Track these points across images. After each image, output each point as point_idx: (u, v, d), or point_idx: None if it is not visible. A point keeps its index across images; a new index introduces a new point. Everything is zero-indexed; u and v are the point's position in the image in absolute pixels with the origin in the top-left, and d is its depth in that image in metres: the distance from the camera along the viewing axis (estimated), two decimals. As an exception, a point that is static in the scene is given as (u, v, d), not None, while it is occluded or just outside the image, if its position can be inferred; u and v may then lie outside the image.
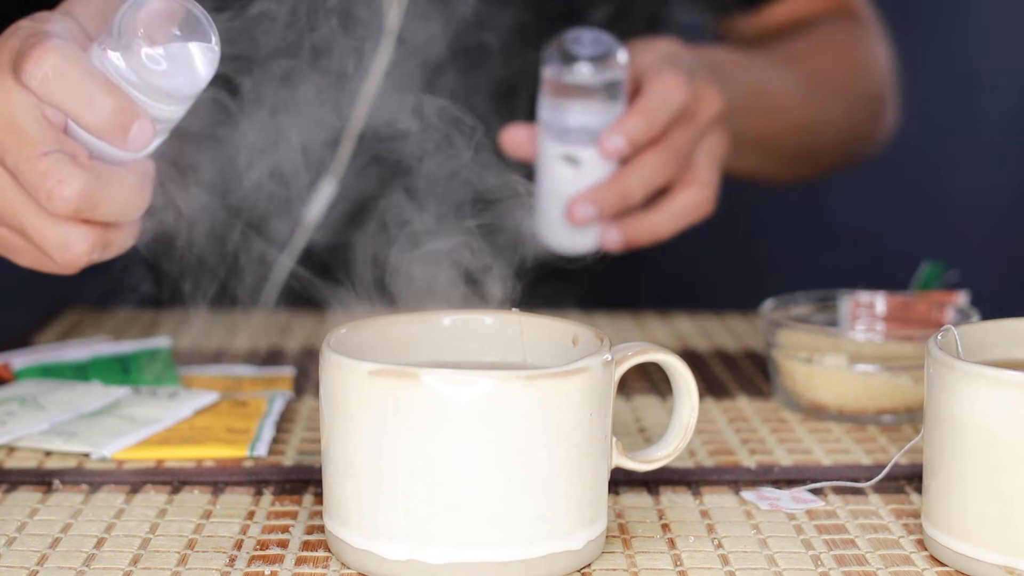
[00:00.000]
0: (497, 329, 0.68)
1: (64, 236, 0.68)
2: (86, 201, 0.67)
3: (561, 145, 0.93)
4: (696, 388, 0.66)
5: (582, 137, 0.93)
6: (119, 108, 0.67)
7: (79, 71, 0.66)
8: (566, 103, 0.93)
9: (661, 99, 0.92)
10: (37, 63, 0.66)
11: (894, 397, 0.83)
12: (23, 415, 0.78)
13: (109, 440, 0.76)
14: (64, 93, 0.66)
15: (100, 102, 0.66)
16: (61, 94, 0.66)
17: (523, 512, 0.59)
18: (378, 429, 0.59)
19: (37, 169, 0.67)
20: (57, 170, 0.67)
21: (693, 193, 0.95)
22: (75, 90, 0.66)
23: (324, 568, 0.62)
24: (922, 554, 0.64)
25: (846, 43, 1.20)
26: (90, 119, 0.67)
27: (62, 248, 0.69)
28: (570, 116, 0.93)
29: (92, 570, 0.61)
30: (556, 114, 0.93)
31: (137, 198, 0.70)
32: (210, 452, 0.76)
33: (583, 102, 0.92)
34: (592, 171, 0.93)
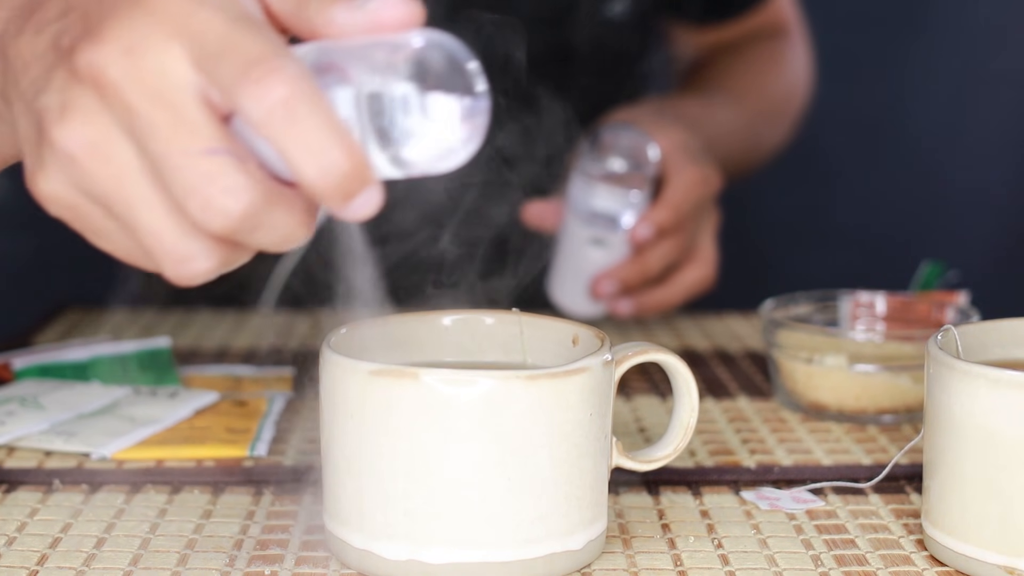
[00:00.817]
0: (497, 329, 0.68)
1: (188, 248, 0.53)
2: (247, 222, 0.52)
3: (590, 228, 1.03)
4: (696, 388, 0.66)
5: (610, 223, 1.02)
6: (352, 173, 0.51)
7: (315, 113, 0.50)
8: (599, 192, 1.03)
9: (685, 193, 1.02)
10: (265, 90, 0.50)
11: (894, 397, 0.83)
12: (23, 415, 0.78)
13: (109, 440, 0.76)
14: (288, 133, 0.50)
15: (332, 160, 0.50)
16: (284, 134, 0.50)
17: (523, 512, 0.59)
18: (378, 429, 0.59)
19: (197, 168, 0.51)
20: (223, 175, 0.51)
21: (699, 270, 1.05)
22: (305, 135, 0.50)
23: (324, 568, 0.62)
24: (922, 554, 0.64)
25: (780, 69, 1.30)
26: (312, 173, 0.50)
27: (182, 262, 0.53)
28: (602, 204, 1.02)
29: (92, 570, 0.61)
30: (588, 200, 1.03)
31: (300, 229, 0.54)
32: (210, 452, 0.76)
33: (615, 192, 1.02)
34: (615, 252, 1.03)
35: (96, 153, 0.51)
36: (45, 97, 0.52)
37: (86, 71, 0.51)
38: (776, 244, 1.80)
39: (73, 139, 0.51)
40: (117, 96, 0.51)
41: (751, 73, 1.25)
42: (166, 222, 0.52)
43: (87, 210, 0.53)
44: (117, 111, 0.51)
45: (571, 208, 1.03)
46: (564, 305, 1.05)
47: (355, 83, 0.51)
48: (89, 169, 0.52)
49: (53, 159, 0.52)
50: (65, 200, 0.53)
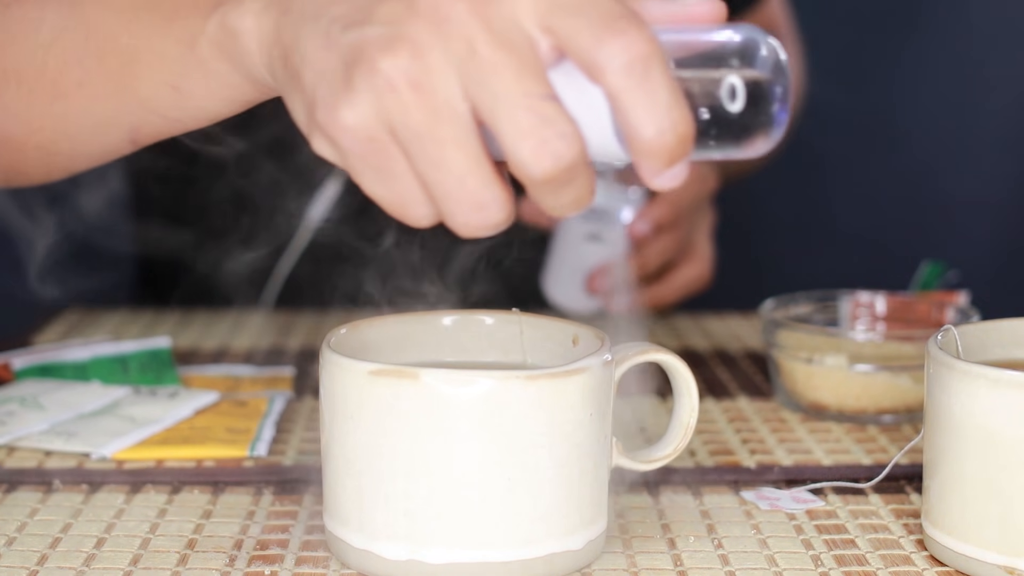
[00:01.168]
0: (497, 329, 0.68)
1: (489, 195, 0.54)
2: (567, 174, 0.53)
3: (586, 224, 1.03)
4: (696, 388, 0.66)
5: (607, 218, 1.02)
6: (685, 139, 0.53)
7: (667, 78, 0.52)
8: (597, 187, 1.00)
9: (683, 190, 1.02)
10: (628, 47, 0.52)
11: (894, 397, 0.83)
12: (23, 415, 0.78)
13: (109, 440, 0.76)
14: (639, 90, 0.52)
15: (673, 123, 0.52)
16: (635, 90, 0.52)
17: (523, 512, 0.59)
18: (378, 429, 0.59)
19: (538, 111, 0.52)
20: (561, 122, 0.52)
21: (695, 268, 1.06)
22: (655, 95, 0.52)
23: (324, 568, 0.62)
24: (922, 554, 0.64)
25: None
26: (649, 132, 0.52)
27: (477, 207, 0.54)
28: (599, 199, 1.02)
29: (92, 570, 0.61)
30: None
31: (589, 196, 0.55)
32: (210, 452, 0.76)
33: (612, 186, 1.02)
34: (611, 247, 1.03)
35: (420, 86, 0.52)
36: (365, 30, 0.53)
37: (428, 8, 0.52)
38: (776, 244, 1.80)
39: (399, 69, 0.52)
40: (461, 34, 0.52)
41: None
42: (475, 164, 0.53)
43: (384, 145, 0.54)
44: (455, 49, 0.52)
45: None
46: (559, 301, 1.05)
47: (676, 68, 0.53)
48: (408, 101, 0.52)
49: (369, 88, 0.53)
50: (368, 131, 0.54)
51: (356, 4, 0.54)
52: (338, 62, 0.54)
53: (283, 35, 0.57)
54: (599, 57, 0.52)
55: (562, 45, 0.53)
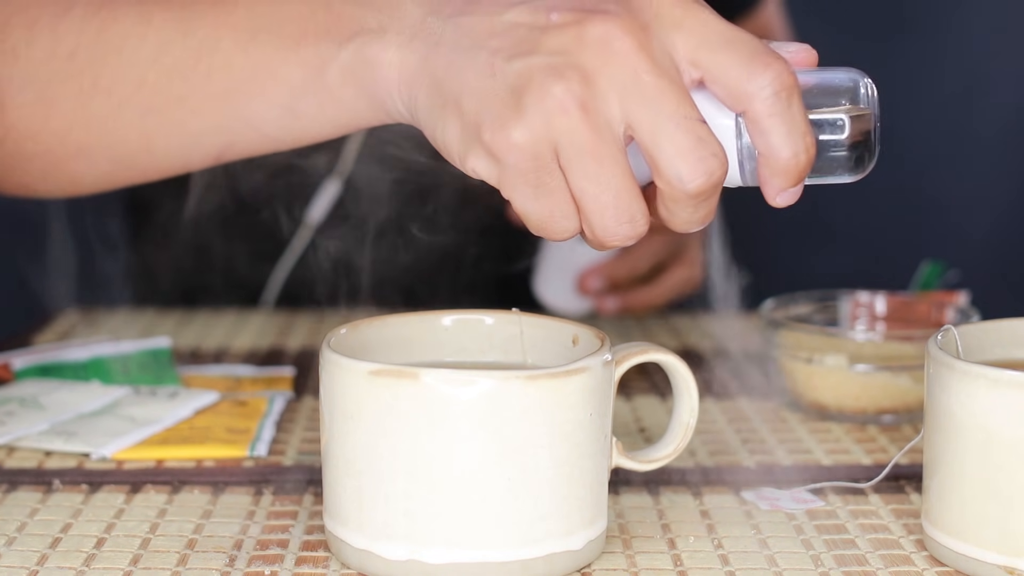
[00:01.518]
0: (497, 329, 0.68)
1: (637, 207, 0.60)
2: (713, 191, 0.60)
3: None
4: (696, 388, 0.66)
5: None
6: (810, 162, 0.60)
7: (800, 106, 0.60)
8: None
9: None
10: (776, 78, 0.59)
11: (894, 397, 0.83)
12: (23, 415, 0.78)
13: (109, 440, 0.76)
14: (781, 117, 0.59)
15: (804, 148, 0.59)
16: (779, 116, 0.59)
17: (523, 512, 0.59)
18: (378, 429, 0.59)
19: (697, 133, 0.59)
20: (714, 144, 0.59)
21: (686, 271, 1.07)
22: (792, 120, 0.59)
23: (324, 568, 0.62)
24: (922, 554, 0.64)
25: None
26: (786, 153, 0.59)
27: (628, 217, 0.60)
28: None
29: (92, 570, 0.61)
30: None
31: (712, 216, 0.62)
32: (210, 452, 0.76)
33: None
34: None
35: (588, 108, 0.58)
36: (533, 59, 0.59)
37: (597, 39, 0.58)
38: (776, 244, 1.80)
39: (570, 93, 0.58)
40: (627, 62, 0.58)
41: None
42: (628, 181, 0.60)
43: (546, 162, 0.59)
44: (621, 76, 0.58)
45: None
46: (550, 301, 1.05)
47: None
48: (577, 123, 0.58)
49: (541, 110, 0.58)
50: (536, 147, 0.59)
51: (516, 36, 0.60)
52: (504, 88, 0.59)
53: (434, 67, 0.62)
54: (750, 87, 0.58)
55: (708, 77, 0.59)
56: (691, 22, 0.59)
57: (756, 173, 0.61)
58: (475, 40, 0.61)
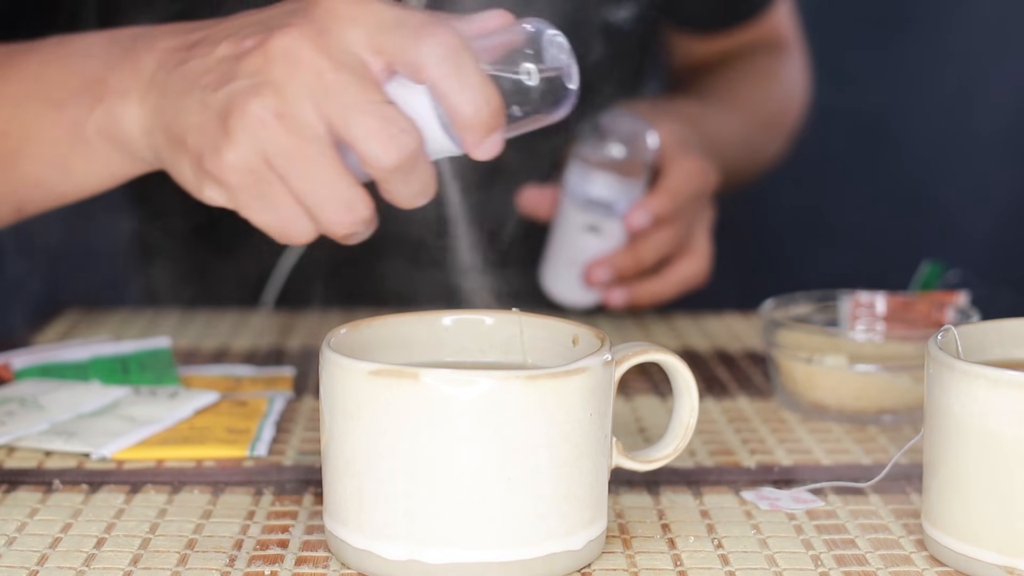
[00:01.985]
0: (497, 329, 0.68)
1: (354, 195, 0.65)
2: (410, 161, 0.65)
3: (585, 215, 1.02)
4: (696, 388, 0.66)
5: (606, 210, 1.02)
6: (497, 111, 0.64)
7: (474, 63, 0.64)
8: (597, 178, 1.01)
9: (683, 183, 1.02)
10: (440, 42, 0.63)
11: (894, 397, 0.83)
12: (23, 415, 0.78)
13: (109, 440, 0.76)
14: (454, 74, 0.63)
15: (486, 97, 0.64)
16: (450, 74, 0.63)
17: (523, 512, 0.59)
18: (378, 429, 0.59)
19: (382, 113, 0.64)
20: (400, 119, 0.64)
21: (693, 264, 1.05)
22: (467, 76, 0.64)
23: (324, 568, 0.62)
24: (922, 554, 0.64)
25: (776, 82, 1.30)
26: (468, 109, 0.64)
27: (347, 206, 0.65)
28: (599, 190, 1.01)
29: (92, 570, 0.61)
30: (585, 187, 1.02)
31: (431, 187, 0.67)
32: (210, 452, 0.76)
33: (613, 178, 1.01)
34: (610, 239, 1.02)
35: (285, 117, 0.64)
36: (233, 85, 0.65)
37: (281, 53, 0.64)
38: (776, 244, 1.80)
39: (265, 106, 0.64)
40: (310, 67, 0.64)
41: (746, 84, 1.25)
42: (339, 172, 0.65)
43: (263, 174, 0.65)
44: (307, 80, 0.64)
45: (567, 194, 1.03)
46: (556, 293, 1.04)
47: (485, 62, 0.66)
48: (277, 132, 0.64)
49: (243, 129, 0.64)
50: (248, 164, 0.65)
51: (220, 70, 0.66)
52: (214, 117, 0.65)
53: (164, 114, 0.68)
54: (418, 56, 0.64)
55: (391, 60, 0.64)
56: (363, 15, 0.65)
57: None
58: (192, 82, 0.67)
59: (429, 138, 0.66)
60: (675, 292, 1.05)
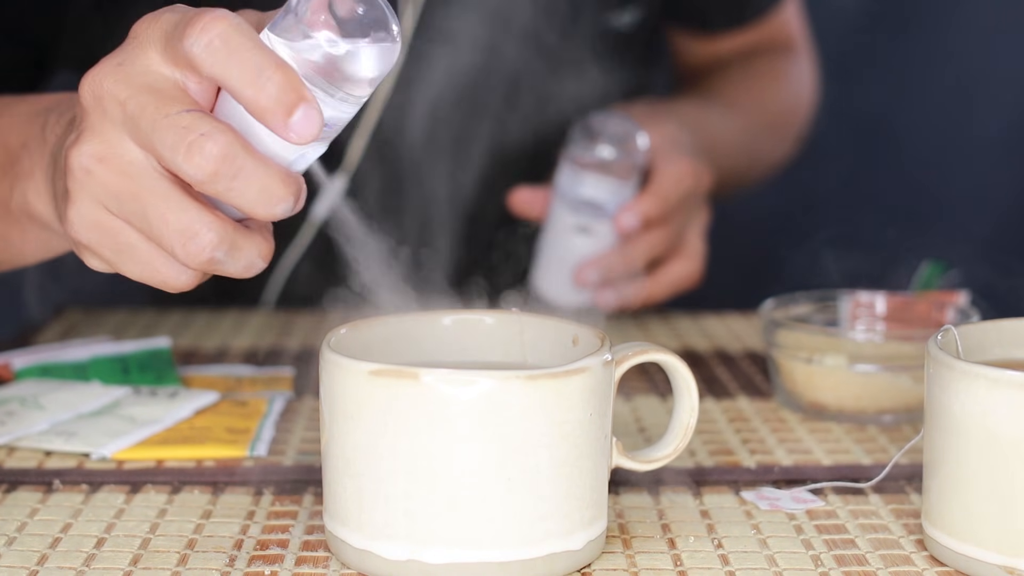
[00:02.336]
0: (497, 329, 0.68)
1: (191, 220, 0.60)
2: (227, 164, 0.58)
3: (576, 216, 1.01)
4: (696, 388, 0.66)
5: (597, 211, 1.01)
6: (287, 85, 0.58)
7: (250, 42, 0.59)
8: (587, 179, 1.01)
9: (673, 184, 1.01)
10: (204, 29, 0.58)
11: (894, 397, 0.83)
12: (23, 415, 0.78)
13: (109, 440, 0.76)
14: (227, 61, 0.58)
15: (267, 76, 0.58)
16: (224, 62, 0.58)
17: (523, 512, 0.59)
18: (378, 429, 0.59)
19: (178, 123, 0.59)
20: (201, 124, 0.59)
21: (686, 265, 1.04)
22: (241, 60, 0.58)
23: (324, 568, 0.62)
24: (922, 554, 0.64)
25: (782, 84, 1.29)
26: (252, 93, 0.58)
27: (186, 235, 0.60)
28: (589, 191, 1.01)
29: (92, 570, 0.61)
30: (575, 188, 1.01)
31: (280, 187, 0.60)
32: (210, 452, 0.76)
33: (603, 179, 1.01)
34: (600, 241, 1.01)
35: (105, 159, 0.60)
36: (66, 142, 0.62)
37: (88, 94, 0.60)
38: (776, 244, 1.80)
39: (85, 154, 0.60)
40: (113, 99, 0.60)
41: (751, 86, 1.24)
42: (166, 201, 0.60)
43: (110, 224, 0.61)
44: (115, 114, 0.60)
45: (558, 195, 1.02)
46: (547, 295, 1.04)
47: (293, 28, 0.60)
48: (103, 176, 0.60)
49: (75, 183, 0.61)
50: (92, 219, 0.61)
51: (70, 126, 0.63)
52: (60, 178, 0.63)
53: (55, 193, 0.65)
54: (186, 49, 0.59)
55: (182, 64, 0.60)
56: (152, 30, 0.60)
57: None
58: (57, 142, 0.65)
59: (265, 144, 0.60)
60: (667, 293, 1.05)
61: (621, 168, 1.01)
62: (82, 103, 0.61)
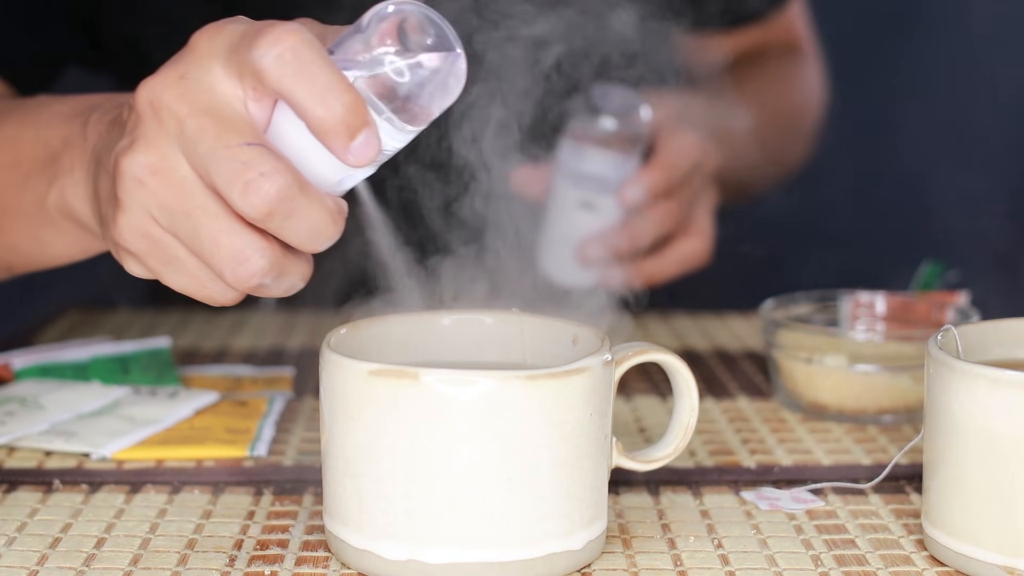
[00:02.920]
0: (497, 329, 0.68)
1: (243, 246, 0.60)
2: (283, 205, 0.58)
3: (579, 191, 0.98)
4: (696, 388, 0.66)
5: (600, 185, 0.97)
6: (353, 107, 0.58)
7: (320, 59, 0.58)
8: (589, 153, 0.98)
9: (677, 157, 0.98)
10: (275, 42, 0.58)
11: (894, 397, 0.83)
12: (23, 415, 0.78)
13: (109, 440, 0.76)
14: (297, 76, 0.58)
15: (335, 95, 0.57)
16: (293, 77, 0.58)
17: (523, 512, 0.59)
18: (378, 429, 0.59)
19: (238, 158, 0.58)
20: (261, 162, 0.58)
21: (694, 243, 1.01)
22: (311, 76, 0.58)
23: (324, 568, 0.62)
24: (922, 554, 0.64)
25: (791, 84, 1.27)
26: (319, 111, 0.58)
27: (237, 260, 0.60)
28: (592, 165, 0.98)
29: (92, 570, 0.61)
30: (578, 162, 0.98)
31: (330, 227, 0.60)
32: (210, 452, 0.76)
33: (605, 153, 0.97)
34: (604, 216, 0.98)
35: (159, 172, 0.60)
36: (117, 146, 0.61)
37: (144, 103, 0.60)
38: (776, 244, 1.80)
39: (139, 164, 0.60)
40: (171, 115, 0.59)
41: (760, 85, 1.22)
42: (219, 222, 0.59)
43: (159, 236, 0.61)
44: (172, 129, 0.59)
45: (560, 171, 0.99)
46: (552, 274, 1.00)
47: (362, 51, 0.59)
48: (156, 189, 0.60)
49: (126, 192, 0.60)
50: (142, 228, 0.61)
51: (114, 139, 0.63)
52: (109, 182, 0.62)
53: (97, 192, 0.65)
54: (254, 61, 0.58)
55: (245, 80, 0.59)
56: (214, 42, 0.59)
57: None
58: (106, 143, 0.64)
59: (315, 163, 0.60)
60: (675, 271, 1.00)
61: (624, 140, 0.98)
62: (138, 110, 0.60)
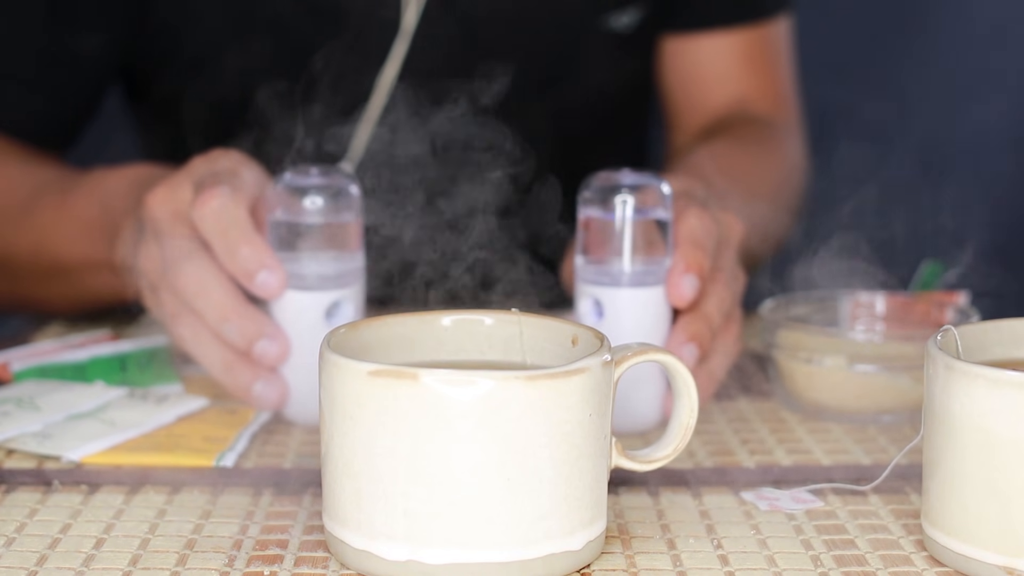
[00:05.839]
0: (497, 329, 0.68)
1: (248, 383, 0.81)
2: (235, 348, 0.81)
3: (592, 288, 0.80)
4: (696, 388, 0.66)
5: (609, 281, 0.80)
6: (250, 256, 0.78)
7: (231, 219, 0.78)
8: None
9: (701, 231, 0.82)
10: (203, 203, 0.78)
11: (894, 397, 0.83)
12: (18, 416, 0.78)
13: (81, 444, 0.75)
14: (213, 234, 0.78)
15: (238, 248, 0.78)
16: (211, 234, 0.78)
17: (523, 512, 0.59)
18: (378, 429, 0.59)
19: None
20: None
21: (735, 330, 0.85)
22: (222, 234, 0.78)
23: (323, 568, 0.62)
24: (922, 554, 0.64)
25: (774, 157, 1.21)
26: (227, 261, 0.78)
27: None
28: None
29: (91, 570, 0.61)
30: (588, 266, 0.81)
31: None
32: (176, 460, 0.74)
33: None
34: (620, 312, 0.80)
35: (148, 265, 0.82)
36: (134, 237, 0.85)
37: (145, 215, 0.82)
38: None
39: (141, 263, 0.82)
40: (155, 223, 0.81)
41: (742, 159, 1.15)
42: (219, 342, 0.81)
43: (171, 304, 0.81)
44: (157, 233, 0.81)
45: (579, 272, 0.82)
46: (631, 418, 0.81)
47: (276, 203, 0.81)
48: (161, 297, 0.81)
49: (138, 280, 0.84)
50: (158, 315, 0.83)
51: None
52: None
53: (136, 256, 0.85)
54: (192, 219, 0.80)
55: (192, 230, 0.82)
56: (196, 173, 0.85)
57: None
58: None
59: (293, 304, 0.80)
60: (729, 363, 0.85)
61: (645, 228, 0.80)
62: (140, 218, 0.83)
